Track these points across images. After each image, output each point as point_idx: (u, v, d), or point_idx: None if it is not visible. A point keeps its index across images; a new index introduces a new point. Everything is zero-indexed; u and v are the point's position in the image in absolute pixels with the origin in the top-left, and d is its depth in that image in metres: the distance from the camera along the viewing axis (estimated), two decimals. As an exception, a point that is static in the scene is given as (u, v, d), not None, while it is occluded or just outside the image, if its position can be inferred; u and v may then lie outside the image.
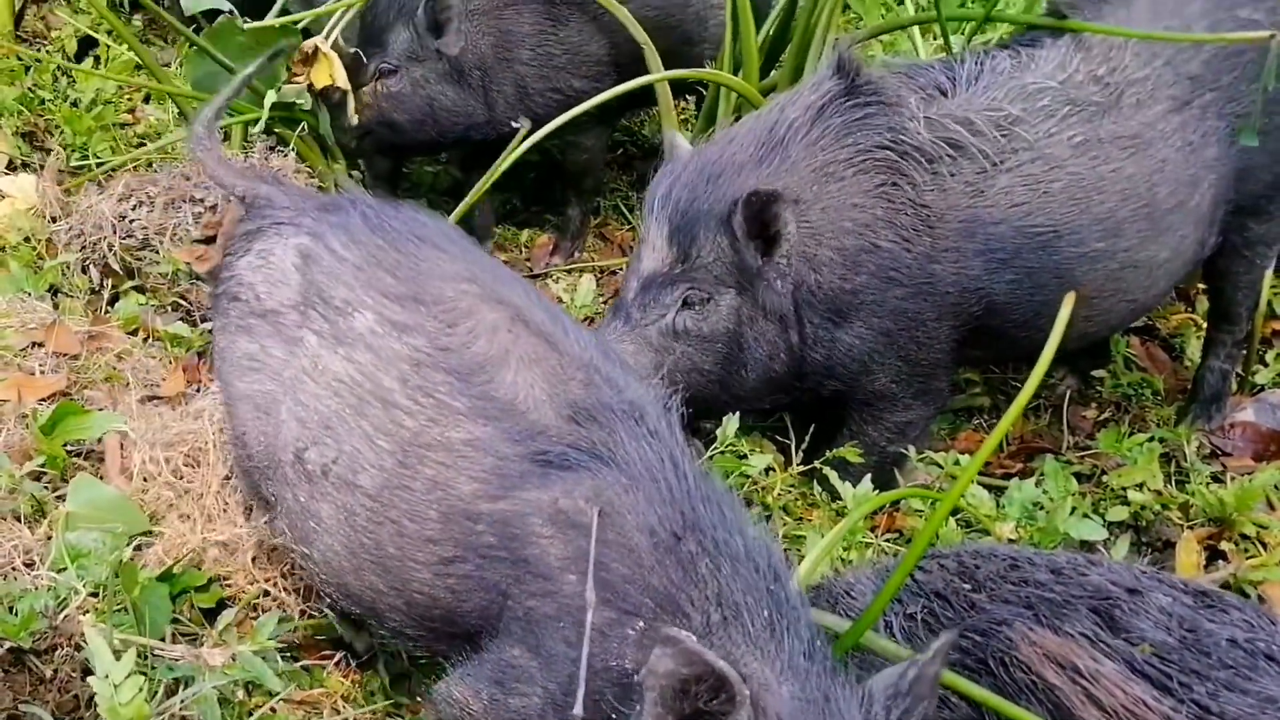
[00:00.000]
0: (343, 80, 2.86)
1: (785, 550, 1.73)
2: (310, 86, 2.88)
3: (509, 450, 1.46)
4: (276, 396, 1.64)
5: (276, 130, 2.92)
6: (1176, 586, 1.45)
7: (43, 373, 2.33)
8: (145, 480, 2.10)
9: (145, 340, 2.56)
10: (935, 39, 3.45)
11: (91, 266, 2.76)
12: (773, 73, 3.10)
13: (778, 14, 3.06)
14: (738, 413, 2.27)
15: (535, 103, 3.05)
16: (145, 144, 3.41)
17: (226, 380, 1.75)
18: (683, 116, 3.43)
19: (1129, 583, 1.44)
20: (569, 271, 3.31)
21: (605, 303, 3.15)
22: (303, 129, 2.92)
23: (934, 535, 1.52)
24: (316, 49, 2.84)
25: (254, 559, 2.02)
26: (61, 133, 3.32)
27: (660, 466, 1.41)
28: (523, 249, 3.42)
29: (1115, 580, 1.45)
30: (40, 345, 2.41)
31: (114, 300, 2.72)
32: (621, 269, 3.28)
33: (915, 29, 3.35)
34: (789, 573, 1.38)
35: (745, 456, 2.33)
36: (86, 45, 3.74)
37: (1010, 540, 2.19)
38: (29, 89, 3.42)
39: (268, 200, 1.83)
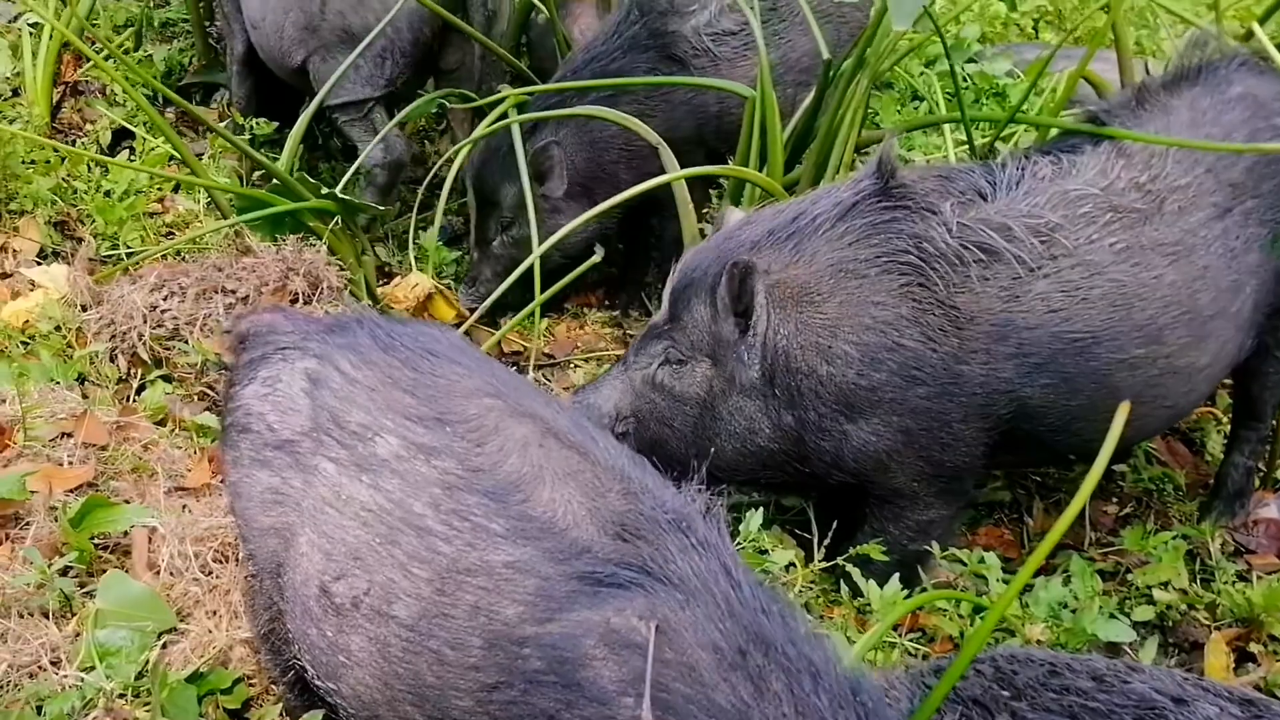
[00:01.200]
0: (461, 311, 3.08)
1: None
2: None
3: (552, 571, 1.43)
4: (296, 528, 1.60)
5: (310, 223, 2.97)
6: (1222, 695, 1.43)
7: (71, 463, 2.35)
8: (172, 575, 2.10)
9: (171, 430, 2.59)
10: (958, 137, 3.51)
11: (120, 355, 2.79)
12: (796, 169, 3.15)
13: (804, 111, 3.12)
14: (761, 509, 2.28)
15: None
16: (174, 233, 3.49)
17: (246, 516, 1.69)
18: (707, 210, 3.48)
19: (1174, 691, 1.42)
20: (588, 360, 3.34)
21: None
22: (336, 221, 2.97)
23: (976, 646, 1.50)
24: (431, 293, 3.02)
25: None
26: (93, 222, 3.39)
27: (715, 578, 1.38)
28: (544, 336, 3.45)
29: (1159, 688, 1.42)
30: (69, 435, 2.43)
31: (140, 389, 2.76)
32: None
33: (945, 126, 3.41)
34: (869, 683, 1.34)
35: (767, 552, 2.31)
36: (121, 136, 3.83)
37: (1038, 641, 2.19)
38: (63, 179, 3.49)
39: (270, 327, 1.80)
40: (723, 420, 2.29)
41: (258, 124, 3.66)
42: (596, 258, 3.15)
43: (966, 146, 3.18)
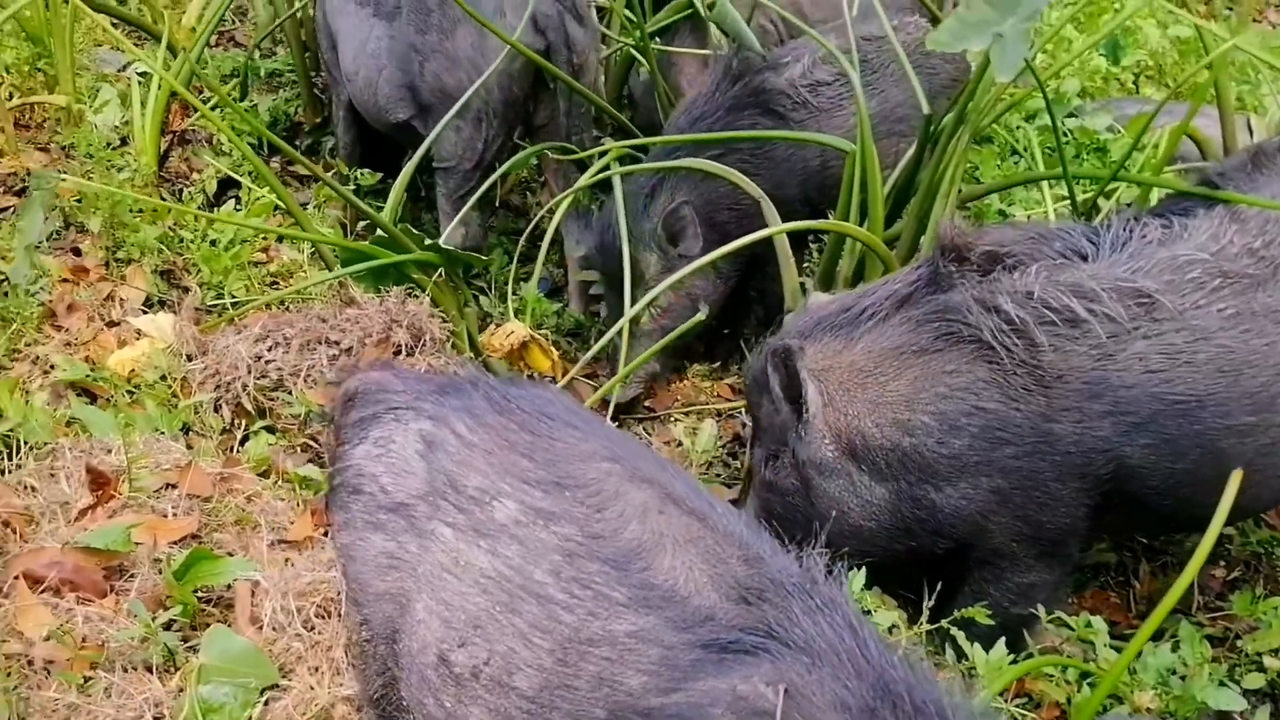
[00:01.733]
0: (556, 361, 3.08)
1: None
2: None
3: (676, 639, 1.39)
4: (412, 594, 1.57)
5: (413, 275, 2.97)
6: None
7: (175, 514, 2.34)
8: (275, 630, 2.07)
9: (274, 482, 2.57)
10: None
11: (224, 405, 2.80)
12: (896, 223, 3.08)
13: (905, 165, 3.06)
14: (862, 568, 2.23)
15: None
16: (279, 283, 3.51)
17: (359, 580, 1.66)
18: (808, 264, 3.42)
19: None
20: (688, 413, 3.28)
21: (724, 447, 3.11)
22: (440, 274, 2.95)
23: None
24: (527, 341, 3.01)
25: (381, 718, 1.97)
26: (199, 271, 3.42)
27: (840, 637, 1.34)
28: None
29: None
30: (173, 486, 2.43)
31: (244, 440, 2.76)
32: (740, 412, 3.25)
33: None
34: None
35: (870, 613, 2.27)
36: (226, 185, 3.89)
37: (1148, 709, 2.16)
38: (169, 228, 3.54)
39: (380, 385, 1.78)
40: (816, 504, 2.34)
41: (362, 174, 3.70)
42: (700, 316, 3.12)
43: (1068, 202, 3.13)
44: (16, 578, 2.03)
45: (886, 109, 3.28)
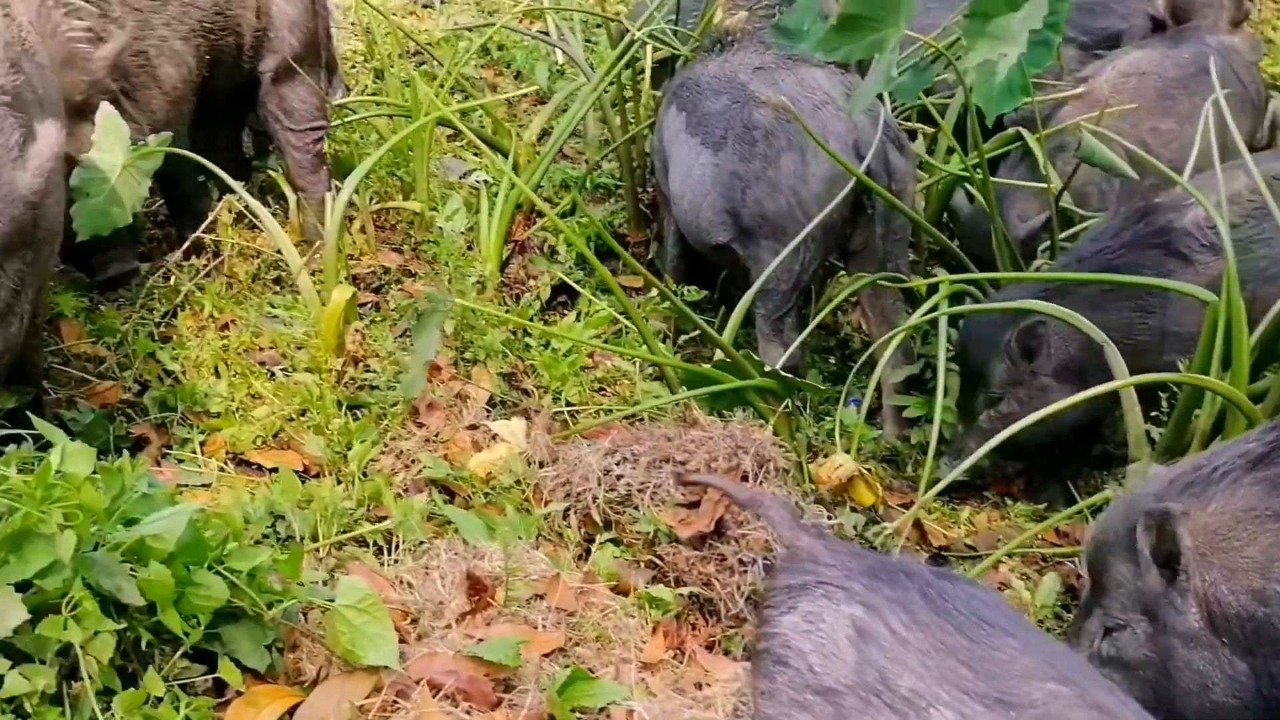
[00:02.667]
0: (880, 496, 3.11)
1: None
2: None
3: None
4: None
5: (757, 405, 3.05)
6: None
7: (545, 626, 2.46)
8: (648, 760, 2.13)
9: (628, 601, 2.67)
10: None
11: (573, 515, 2.94)
12: (1265, 376, 2.95)
13: (1274, 316, 2.93)
14: None
15: None
16: (604, 388, 3.69)
17: None
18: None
19: None
20: (1011, 555, 3.20)
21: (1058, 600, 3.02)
22: (786, 405, 3.03)
23: None
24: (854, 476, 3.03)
25: None
26: (537, 374, 3.63)
27: None
28: (964, 524, 3.35)
29: None
30: (541, 597, 2.55)
31: (587, 552, 2.88)
32: (1067, 560, 3.16)
33: None
34: None
35: None
36: (559, 291, 4.12)
37: None
38: (512, 333, 3.78)
39: (810, 554, 1.77)
40: (1176, 679, 2.19)
41: (690, 290, 3.85)
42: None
43: None
44: (419, 682, 2.17)
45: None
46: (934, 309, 3.31)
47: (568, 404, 3.50)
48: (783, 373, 3.10)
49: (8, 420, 2.51)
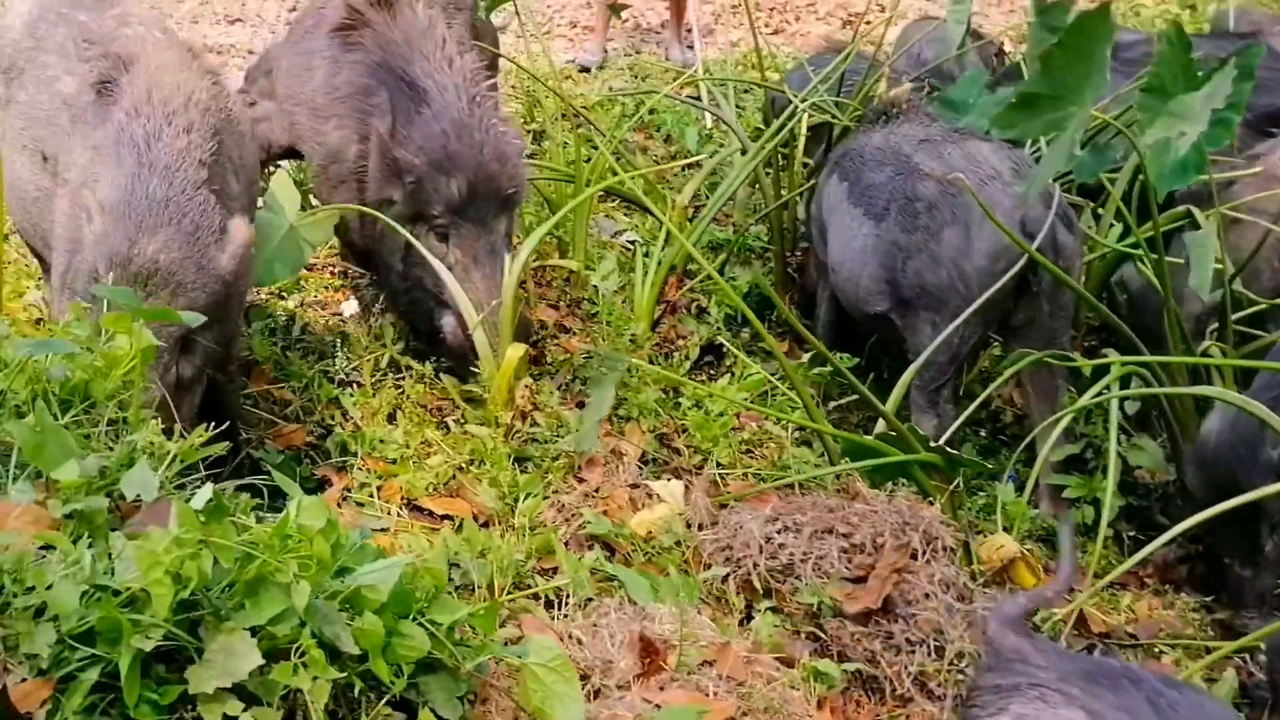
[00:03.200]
0: (1042, 579, 3.01)
1: None
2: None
3: None
4: None
5: (919, 480, 3.05)
6: None
7: (715, 695, 2.49)
8: (821, 836, 2.14)
9: (788, 668, 2.68)
10: None
11: (732, 580, 2.96)
12: None
13: None
14: None
15: None
16: (752, 450, 3.72)
17: None
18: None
19: None
20: (1174, 646, 3.13)
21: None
22: (957, 484, 3.02)
23: None
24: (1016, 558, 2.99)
25: None
26: (688, 434, 3.68)
27: None
28: (1124, 611, 3.27)
29: None
30: (710, 664, 2.58)
31: (747, 618, 2.90)
32: (1235, 657, 3.07)
33: None
34: None
35: None
36: (706, 351, 4.18)
37: None
38: (663, 391, 3.84)
39: (1019, 654, 1.76)
40: None
41: (843, 357, 3.86)
42: None
43: None
44: (604, 745, 2.22)
45: None
46: (1102, 389, 3.27)
47: (718, 465, 3.54)
48: (948, 449, 3.09)
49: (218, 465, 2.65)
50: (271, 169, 4.34)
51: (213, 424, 2.18)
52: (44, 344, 2.07)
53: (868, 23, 5.52)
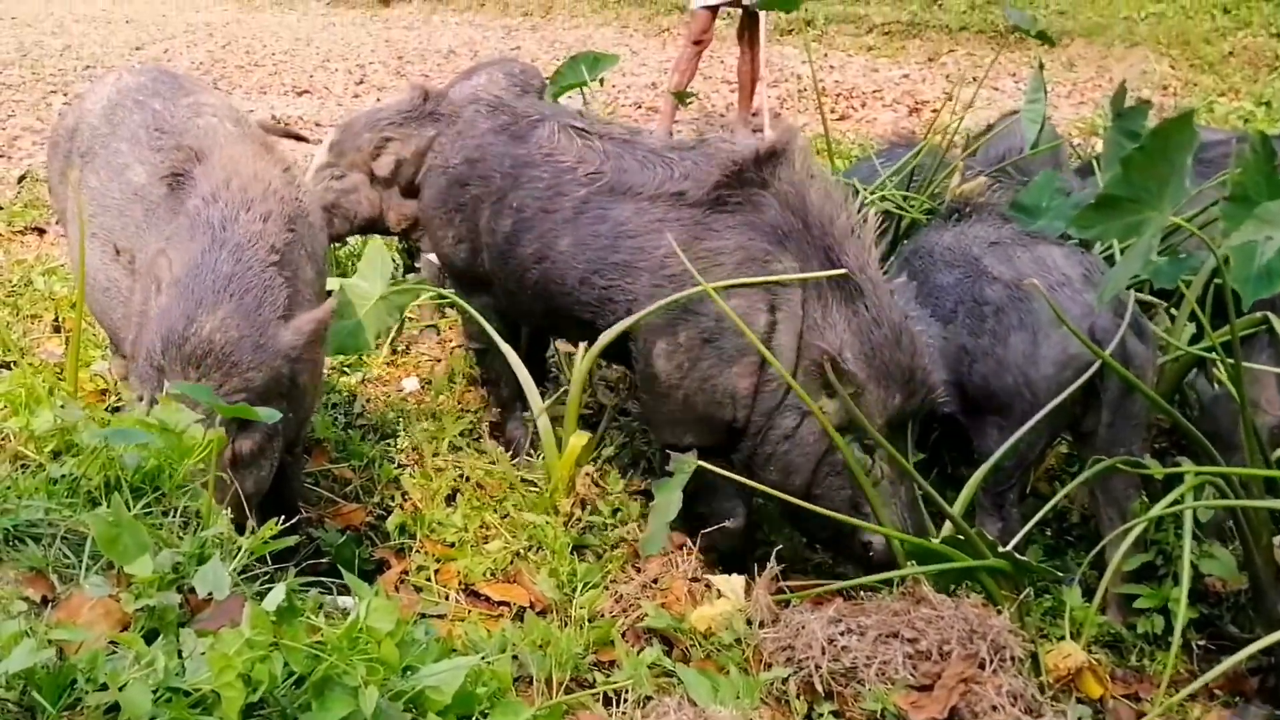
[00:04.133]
0: (1109, 689, 2.95)
1: None
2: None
3: None
4: None
5: (986, 585, 2.98)
6: None
7: (782, 804, 2.43)
8: None
9: (858, 782, 2.62)
10: None
11: (794, 682, 2.90)
12: None
13: None
14: None
15: None
16: (813, 546, 3.66)
17: None
18: None
19: None
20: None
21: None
22: (1027, 593, 2.96)
23: None
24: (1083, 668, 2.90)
25: None
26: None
27: None
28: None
29: None
30: (777, 769, 2.52)
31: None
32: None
33: None
34: None
35: None
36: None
37: None
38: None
39: None
40: None
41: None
42: None
43: None
44: None
45: None
46: (1176, 499, 3.19)
47: (779, 559, 3.49)
48: (1016, 555, 3.02)
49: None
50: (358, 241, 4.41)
51: (281, 517, 2.18)
52: (120, 433, 2.08)
53: (934, 112, 5.53)
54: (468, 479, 3.43)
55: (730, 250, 3.09)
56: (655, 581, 3.28)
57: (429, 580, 3.06)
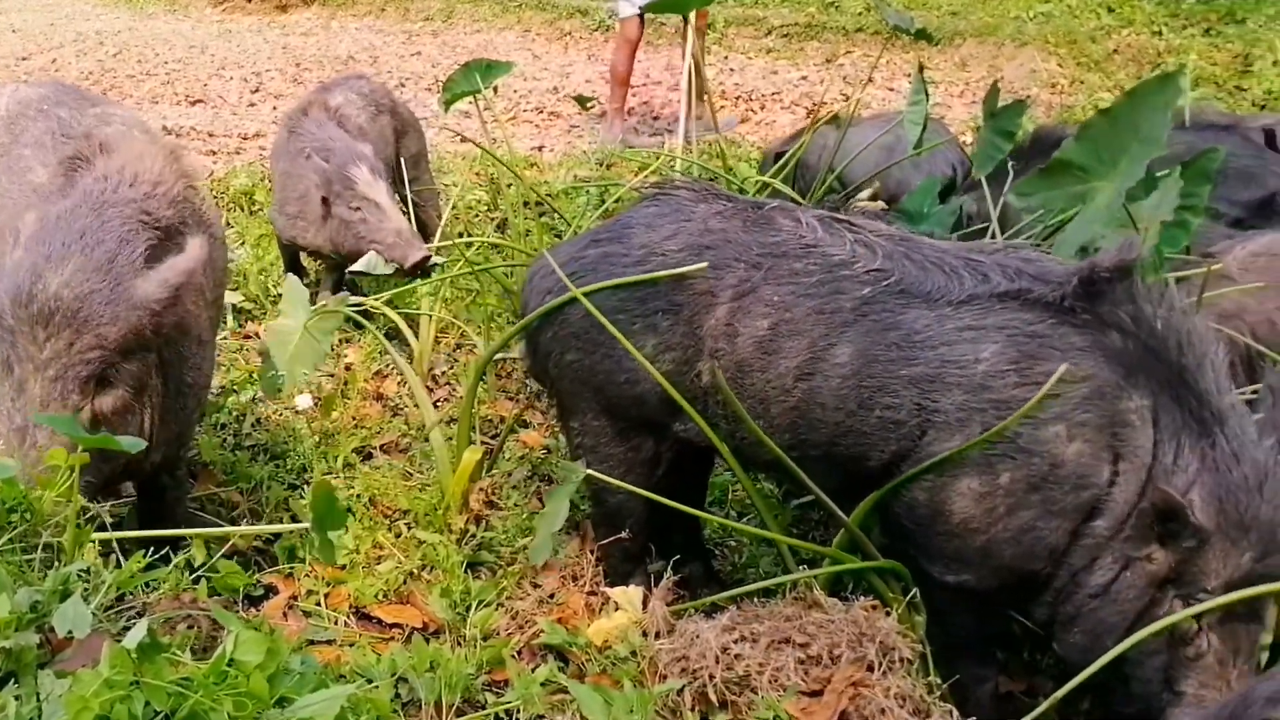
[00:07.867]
0: None
1: None
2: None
3: None
4: None
5: (878, 588, 3.02)
6: None
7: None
8: None
9: (753, 791, 2.62)
10: None
11: (687, 692, 2.91)
12: None
13: None
14: None
15: None
16: (712, 554, 3.68)
17: None
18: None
19: None
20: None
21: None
22: (913, 593, 3.00)
23: None
24: None
25: None
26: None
27: None
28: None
29: None
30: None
31: (704, 730, 2.84)
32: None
33: None
34: None
35: None
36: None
37: None
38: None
39: None
40: None
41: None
42: None
43: None
44: None
45: None
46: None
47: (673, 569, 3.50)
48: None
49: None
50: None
51: (151, 548, 2.12)
52: (-23, 466, 2.01)
53: (827, 113, 5.60)
54: (360, 497, 3.37)
55: (1076, 379, 2.54)
56: (552, 597, 3.27)
57: (318, 605, 3.00)
